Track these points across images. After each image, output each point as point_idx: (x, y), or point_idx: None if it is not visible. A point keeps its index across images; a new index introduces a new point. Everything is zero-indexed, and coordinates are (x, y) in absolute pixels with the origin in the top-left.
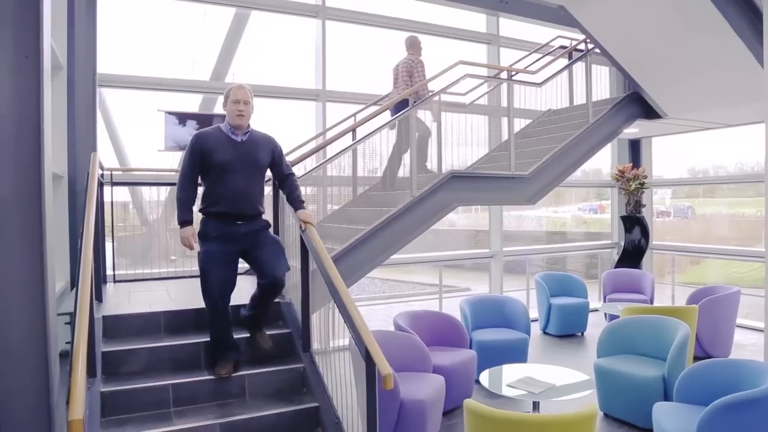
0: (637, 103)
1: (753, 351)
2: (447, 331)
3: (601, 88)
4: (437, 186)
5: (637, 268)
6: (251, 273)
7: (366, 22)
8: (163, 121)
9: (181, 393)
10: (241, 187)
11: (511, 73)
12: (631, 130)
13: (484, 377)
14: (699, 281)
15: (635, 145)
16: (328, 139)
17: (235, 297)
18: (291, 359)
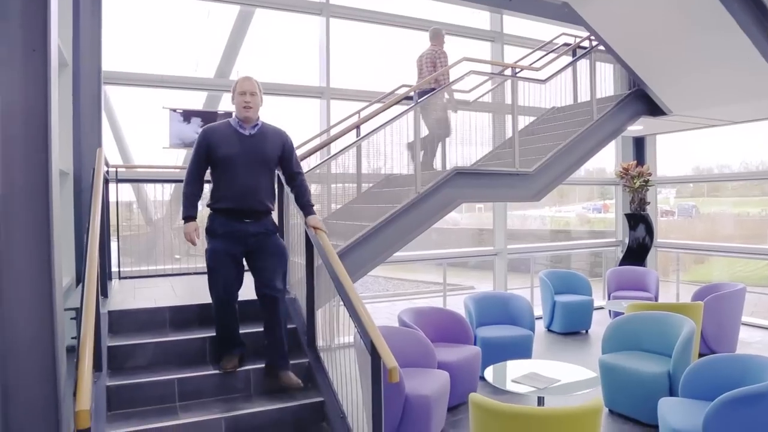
0: (641, 100)
1: (758, 349)
2: (451, 328)
3: (605, 86)
4: (441, 183)
5: (642, 266)
6: None
7: (370, 20)
8: (167, 119)
9: (186, 387)
10: (248, 183)
11: (515, 70)
12: (636, 128)
13: (489, 373)
14: (703, 280)
15: (639, 143)
16: (333, 136)
17: (242, 293)
18: (296, 354)
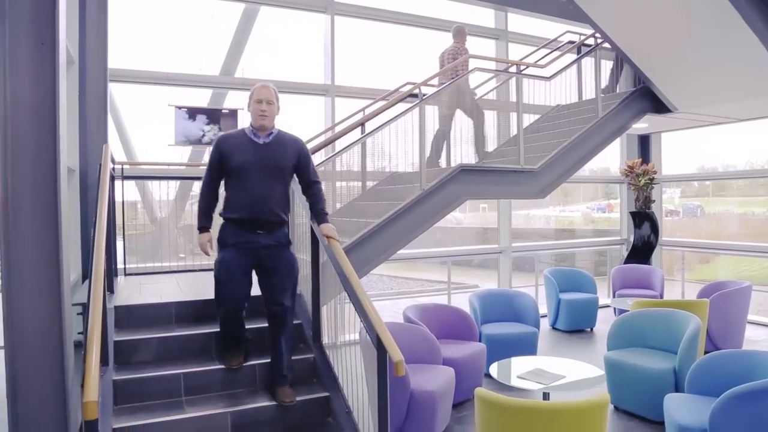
0: (646, 98)
1: (765, 347)
2: (456, 324)
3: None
4: (446, 180)
5: (647, 264)
6: None
7: (374, 18)
8: (172, 116)
9: (192, 382)
10: (261, 192)
11: (520, 67)
12: (641, 125)
13: (494, 369)
14: (709, 279)
15: (644, 141)
16: (338, 133)
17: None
18: (301, 349)
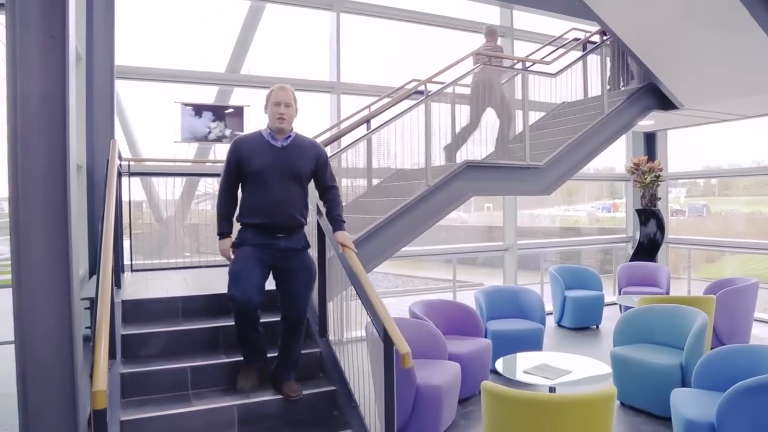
0: (652, 95)
1: None
2: (462, 320)
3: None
4: (452, 176)
5: (653, 262)
6: None
7: (380, 15)
8: (179, 113)
9: (199, 375)
10: (280, 196)
11: (525, 64)
12: (647, 122)
13: (500, 364)
14: (715, 278)
15: (650, 139)
16: (343, 130)
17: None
18: (308, 344)
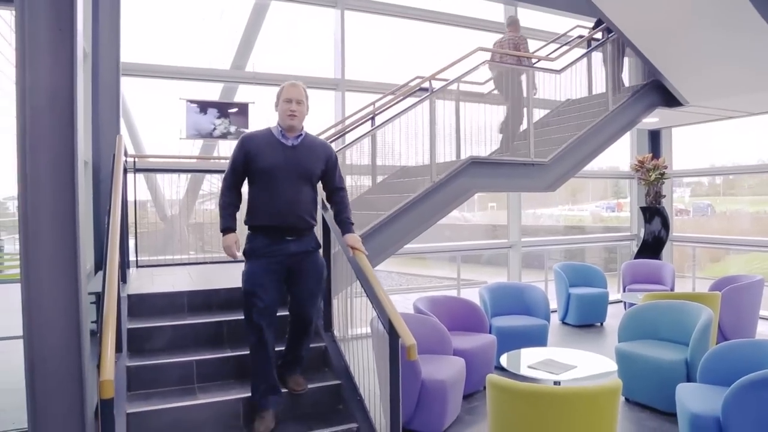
0: (657, 91)
1: None
2: (466, 317)
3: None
4: (456, 172)
5: (657, 260)
6: None
7: (384, 12)
8: (184, 110)
9: (204, 369)
10: (290, 197)
11: (531, 60)
12: (651, 119)
13: (504, 359)
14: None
15: (655, 136)
16: (348, 125)
17: None
18: (313, 338)
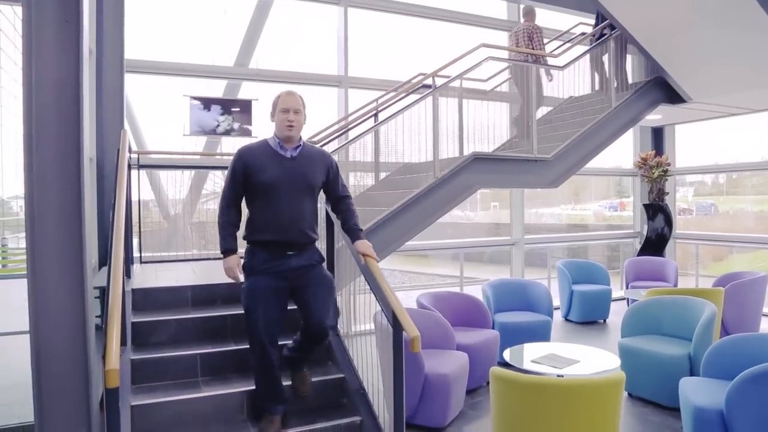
0: (660, 88)
1: None
2: (470, 312)
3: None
4: (459, 168)
5: (660, 257)
6: None
7: (387, 9)
8: (187, 107)
9: (208, 362)
10: (291, 211)
11: (534, 56)
12: (654, 116)
13: (507, 353)
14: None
15: (658, 134)
16: (350, 121)
17: None
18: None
